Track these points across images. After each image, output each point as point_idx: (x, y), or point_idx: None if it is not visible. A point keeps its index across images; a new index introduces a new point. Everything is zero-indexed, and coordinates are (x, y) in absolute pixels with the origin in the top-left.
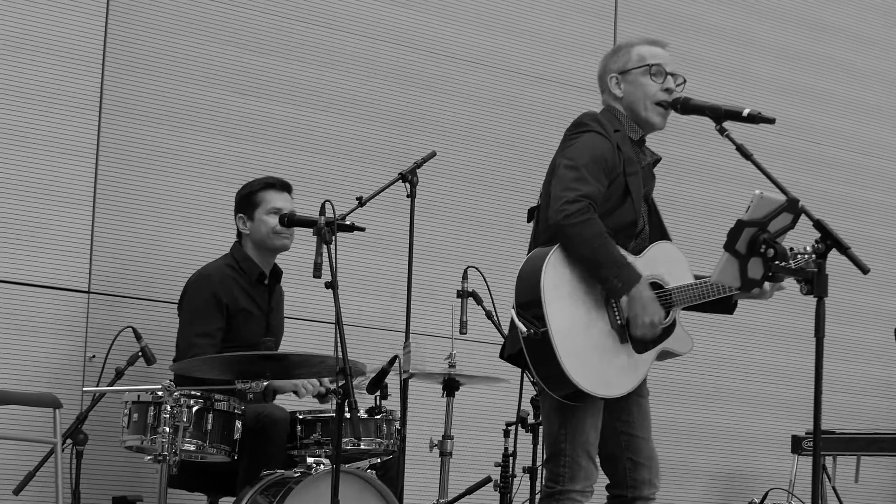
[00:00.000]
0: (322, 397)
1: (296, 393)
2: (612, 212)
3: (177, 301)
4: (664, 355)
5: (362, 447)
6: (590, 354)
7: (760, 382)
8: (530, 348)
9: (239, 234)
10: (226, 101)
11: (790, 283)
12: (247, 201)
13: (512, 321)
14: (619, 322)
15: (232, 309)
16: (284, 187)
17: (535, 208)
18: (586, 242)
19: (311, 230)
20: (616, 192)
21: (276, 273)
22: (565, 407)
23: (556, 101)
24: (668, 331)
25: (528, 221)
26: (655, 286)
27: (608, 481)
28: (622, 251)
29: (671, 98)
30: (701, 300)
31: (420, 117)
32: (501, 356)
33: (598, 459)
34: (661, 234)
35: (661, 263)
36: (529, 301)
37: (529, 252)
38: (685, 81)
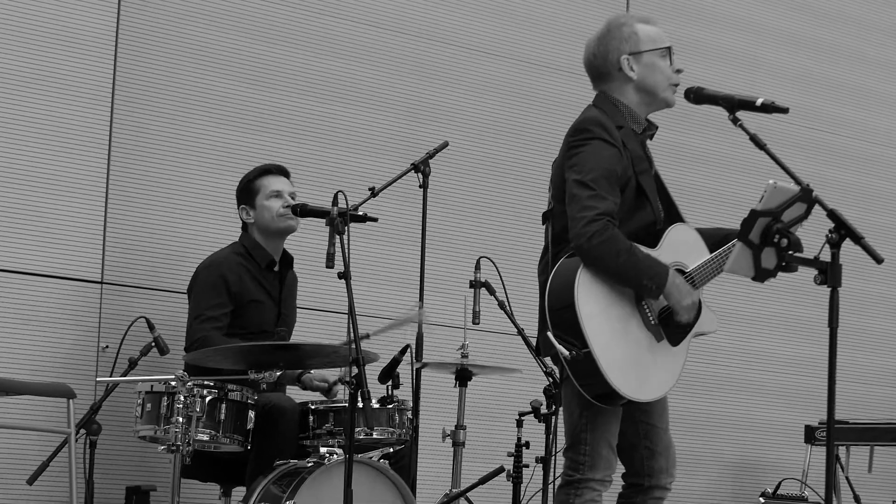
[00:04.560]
0: (327, 391)
1: (324, 391)
2: (630, 216)
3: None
4: (695, 336)
5: (375, 437)
6: (631, 363)
7: (773, 372)
8: (574, 368)
9: (244, 227)
10: (238, 91)
11: (803, 273)
12: (246, 191)
13: (545, 337)
14: (652, 322)
15: (241, 298)
16: (281, 171)
17: (548, 212)
18: (613, 261)
19: (323, 221)
20: (630, 197)
21: (287, 259)
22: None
23: (569, 91)
24: (696, 315)
25: (543, 224)
26: (679, 273)
27: (624, 470)
28: (644, 249)
29: (679, 80)
30: (719, 273)
31: (432, 107)
32: (538, 353)
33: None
34: (672, 214)
35: (679, 248)
36: (565, 322)
37: (544, 257)
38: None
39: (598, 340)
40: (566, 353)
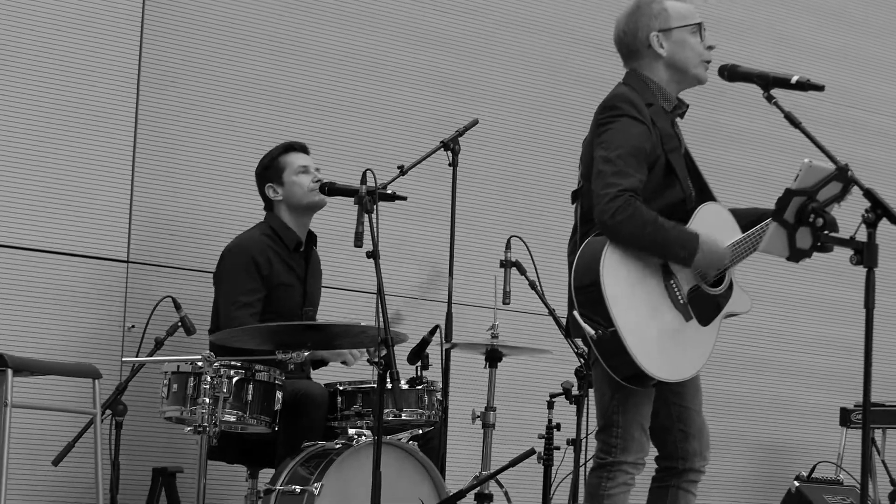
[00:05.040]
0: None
1: (344, 363)
2: (659, 194)
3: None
4: (727, 317)
5: (403, 418)
6: (659, 342)
7: (809, 354)
8: (600, 347)
9: (269, 206)
10: (265, 67)
11: (839, 253)
12: (272, 168)
13: (574, 318)
14: (681, 301)
15: (271, 281)
16: (302, 148)
17: (577, 191)
18: (639, 234)
19: (352, 199)
20: (659, 175)
21: (311, 238)
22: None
23: (601, 66)
24: (728, 294)
25: (572, 203)
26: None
27: (657, 453)
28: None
29: (711, 56)
30: (753, 252)
31: (462, 83)
32: (569, 334)
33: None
34: (703, 193)
35: (710, 227)
36: (591, 301)
37: (573, 237)
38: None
39: (624, 319)
40: (592, 332)
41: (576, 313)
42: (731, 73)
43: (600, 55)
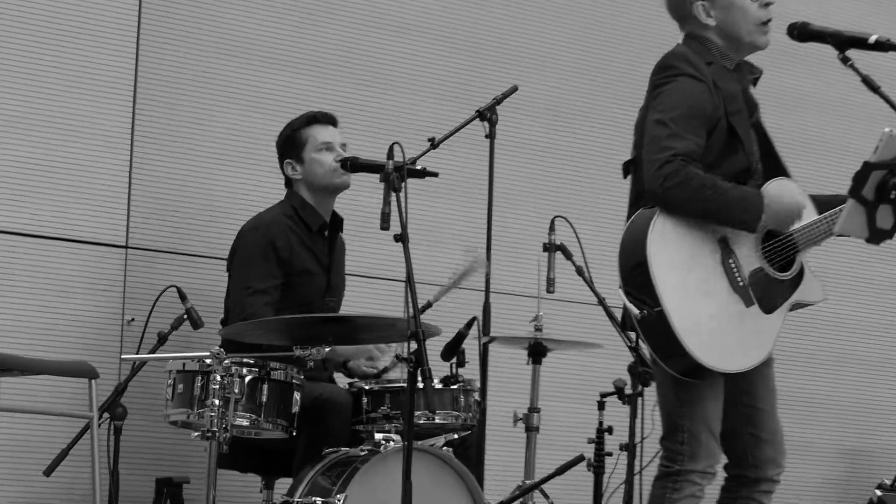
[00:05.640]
0: (377, 377)
1: (371, 360)
2: (719, 162)
3: (226, 256)
4: (794, 307)
5: (437, 421)
6: (712, 327)
7: (893, 348)
8: (646, 329)
9: (289, 183)
10: (278, 29)
11: None
12: (291, 143)
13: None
14: (740, 283)
15: (291, 267)
16: (329, 120)
17: (630, 162)
18: (694, 199)
19: (377, 176)
20: (720, 140)
21: (337, 221)
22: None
23: (655, 24)
24: (797, 280)
25: (625, 177)
26: (773, 234)
27: (726, 460)
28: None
29: (770, 14)
30: (829, 236)
31: (500, 45)
32: (623, 326)
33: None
34: (775, 167)
35: None
36: (636, 278)
37: (629, 216)
38: None
39: (672, 298)
40: (637, 311)
41: (620, 291)
42: (801, 33)
43: (655, 10)
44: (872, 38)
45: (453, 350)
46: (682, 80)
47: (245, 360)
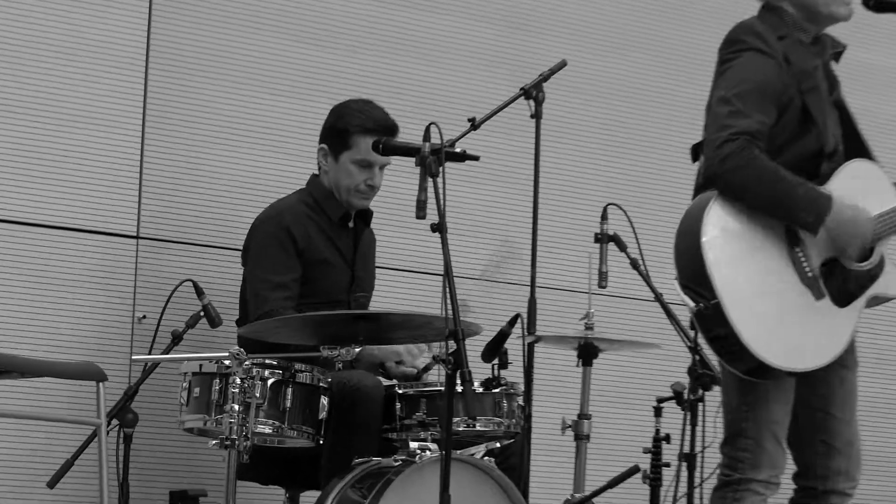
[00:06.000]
0: (416, 379)
1: (400, 365)
2: (790, 144)
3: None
4: (872, 301)
5: (478, 429)
6: (776, 321)
7: None
8: (704, 325)
9: (318, 168)
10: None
11: None
12: (337, 135)
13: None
14: (809, 274)
15: (309, 257)
16: (387, 131)
17: (699, 145)
18: (753, 187)
19: (412, 160)
20: (792, 120)
21: (364, 214)
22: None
23: None
24: (876, 272)
25: (693, 162)
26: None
27: (794, 469)
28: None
29: None
30: None
31: (547, 15)
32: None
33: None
34: (858, 148)
35: (856, 188)
36: (692, 268)
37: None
38: None
39: (730, 290)
40: (692, 304)
41: (676, 283)
42: (877, 3)
43: None
44: None
45: (495, 350)
46: (749, 55)
47: (267, 361)
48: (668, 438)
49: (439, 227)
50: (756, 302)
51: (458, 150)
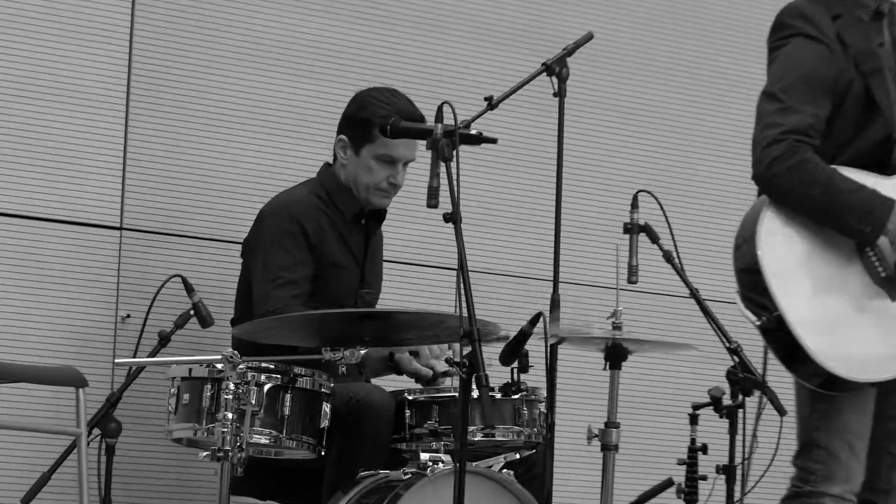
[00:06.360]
0: (431, 381)
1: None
2: (855, 134)
3: (240, 239)
4: None
5: (496, 438)
6: (847, 329)
7: None
8: (770, 340)
9: (334, 156)
10: None
11: None
12: (358, 125)
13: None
14: (882, 274)
15: (321, 257)
16: (415, 120)
17: None
18: (802, 195)
19: (423, 143)
20: (853, 108)
21: (378, 212)
22: None
23: None
24: None
25: None
26: None
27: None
28: (858, 178)
29: None
30: None
31: None
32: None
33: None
34: None
35: None
36: (750, 279)
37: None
38: None
39: (792, 301)
40: (754, 319)
41: (737, 296)
42: None
43: None
44: None
45: (515, 352)
46: (796, 42)
47: (264, 364)
48: (704, 449)
49: (453, 217)
50: (823, 309)
51: (473, 132)
